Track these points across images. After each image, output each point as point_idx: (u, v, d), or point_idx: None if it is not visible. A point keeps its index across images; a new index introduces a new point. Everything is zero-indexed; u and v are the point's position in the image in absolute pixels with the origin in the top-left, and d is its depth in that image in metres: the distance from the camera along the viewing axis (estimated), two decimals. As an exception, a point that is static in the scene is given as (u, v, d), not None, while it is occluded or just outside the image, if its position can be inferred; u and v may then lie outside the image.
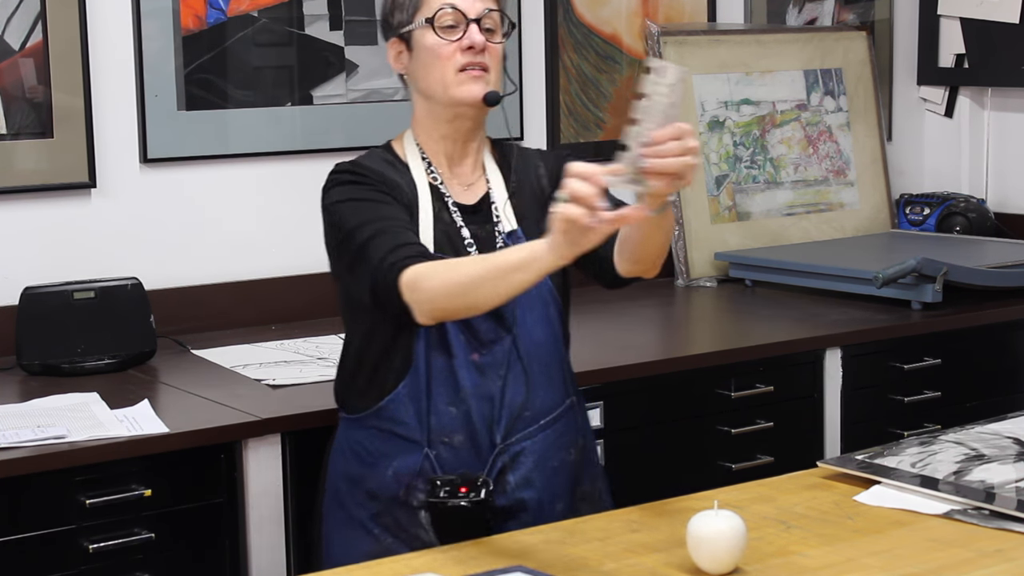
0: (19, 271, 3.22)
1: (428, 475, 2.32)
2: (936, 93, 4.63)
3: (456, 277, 2.14)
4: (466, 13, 2.35)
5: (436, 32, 2.35)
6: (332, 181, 2.37)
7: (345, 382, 2.46)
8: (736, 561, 1.92)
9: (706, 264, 4.08)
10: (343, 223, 2.30)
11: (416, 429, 2.34)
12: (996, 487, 2.20)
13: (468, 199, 2.42)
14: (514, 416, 2.36)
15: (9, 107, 3.21)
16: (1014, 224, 4.40)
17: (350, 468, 2.40)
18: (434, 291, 2.16)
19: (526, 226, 2.42)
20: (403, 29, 2.39)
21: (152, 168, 3.41)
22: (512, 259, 2.08)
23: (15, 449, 2.51)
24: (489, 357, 2.35)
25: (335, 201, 2.33)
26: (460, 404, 2.33)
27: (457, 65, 2.34)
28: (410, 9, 2.38)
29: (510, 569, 1.94)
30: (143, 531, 2.61)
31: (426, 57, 2.36)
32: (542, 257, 2.02)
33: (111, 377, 3.03)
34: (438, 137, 2.41)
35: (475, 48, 2.34)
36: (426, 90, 2.38)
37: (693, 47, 4.14)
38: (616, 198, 2.23)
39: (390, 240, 2.24)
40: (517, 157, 2.50)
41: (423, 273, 2.17)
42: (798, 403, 3.40)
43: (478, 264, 2.13)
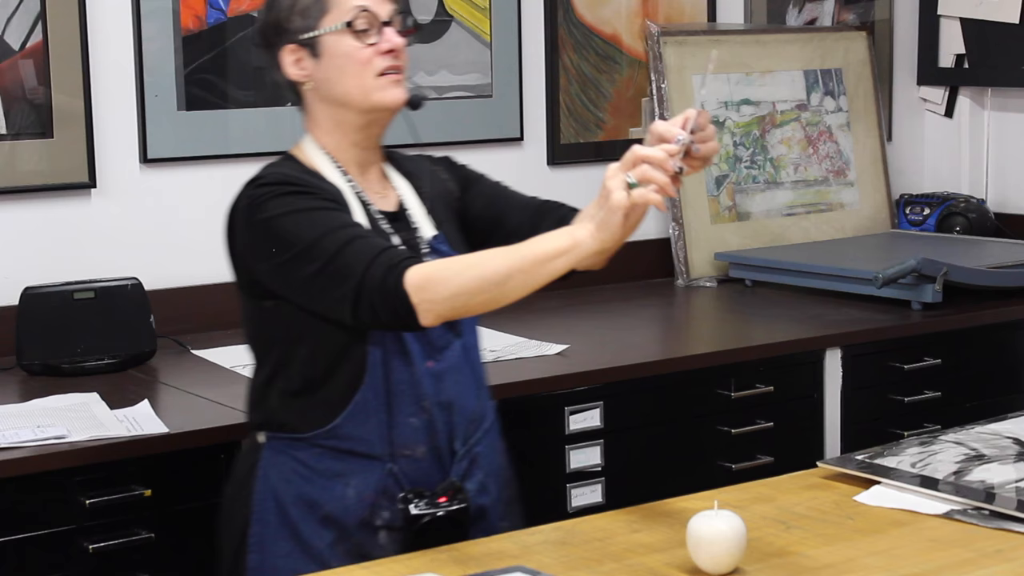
0: (19, 271, 3.22)
1: (392, 491, 2.22)
2: (936, 93, 4.63)
3: (481, 272, 2.06)
4: (379, 15, 2.26)
5: (355, 37, 2.24)
6: (264, 194, 2.19)
7: (277, 405, 2.27)
8: (736, 561, 1.92)
9: (706, 264, 4.08)
10: (297, 237, 2.14)
11: (377, 444, 2.22)
12: (996, 487, 2.20)
13: (387, 206, 2.33)
14: (468, 422, 2.31)
15: (9, 107, 3.21)
16: (1014, 224, 4.40)
17: (301, 491, 2.23)
18: (454, 289, 2.07)
19: (445, 231, 2.35)
20: (306, 34, 2.26)
21: (152, 168, 3.41)
22: (549, 248, 2.04)
23: (15, 449, 2.51)
24: (444, 363, 2.29)
25: (276, 215, 2.16)
26: (422, 414, 2.25)
27: (376, 70, 2.25)
28: (315, 14, 2.25)
29: (510, 569, 1.94)
30: (143, 531, 2.61)
31: (341, 63, 2.25)
32: (585, 242, 2.01)
33: (111, 377, 3.03)
34: (348, 145, 2.31)
35: (395, 51, 2.26)
36: (341, 97, 2.27)
37: (693, 47, 4.14)
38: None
39: (369, 245, 2.13)
40: (408, 164, 2.43)
41: (435, 273, 2.08)
42: (798, 403, 3.41)
43: (507, 256, 2.07)
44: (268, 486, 2.25)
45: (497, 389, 2.96)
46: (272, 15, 2.30)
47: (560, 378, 3.04)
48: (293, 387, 2.25)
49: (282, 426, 2.26)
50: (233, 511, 2.31)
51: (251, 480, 2.27)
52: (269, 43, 2.32)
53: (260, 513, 2.25)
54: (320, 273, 2.13)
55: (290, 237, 2.15)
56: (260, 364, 2.31)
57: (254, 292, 2.25)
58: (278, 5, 2.29)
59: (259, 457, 2.27)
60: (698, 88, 1.82)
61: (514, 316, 3.57)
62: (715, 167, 4.13)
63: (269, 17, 2.31)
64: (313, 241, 2.13)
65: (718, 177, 4.14)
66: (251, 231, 2.20)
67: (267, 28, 2.32)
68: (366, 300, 2.10)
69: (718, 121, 4.15)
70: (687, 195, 4.06)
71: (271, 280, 2.20)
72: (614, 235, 1.99)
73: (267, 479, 2.25)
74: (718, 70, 4.07)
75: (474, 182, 2.48)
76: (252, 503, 2.26)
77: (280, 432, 2.26)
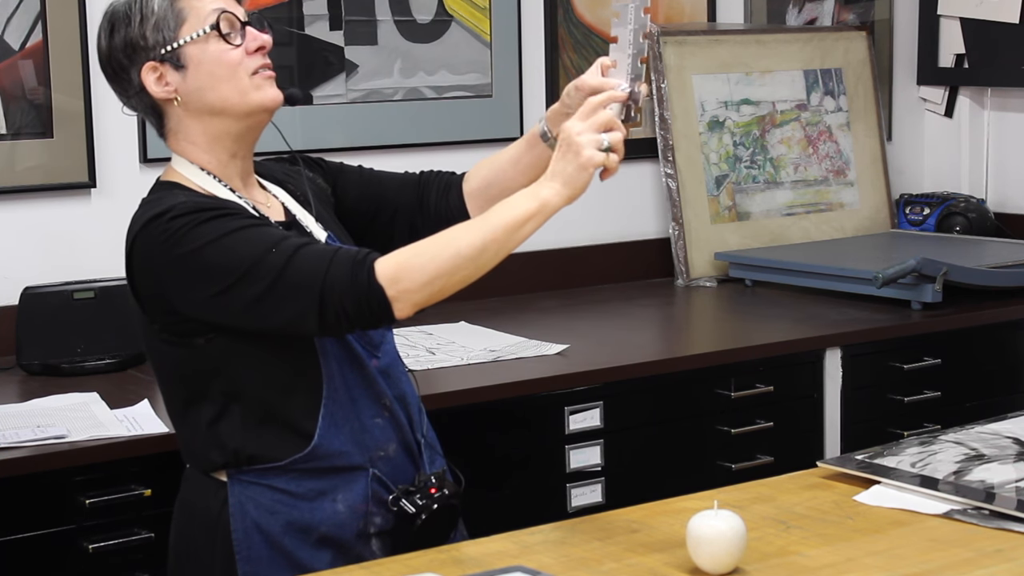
0: (19, 271, 3.22)
1: (381, 496, 2.18)
2: (936, 93, 4.63)
3: (456, 250, 2.03)
4: (239, 15, 2.18)
5: (222, 39, 2.15)
6: (179, 227, 2.06)
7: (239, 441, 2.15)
8: (736, 561, 1.92)
9: (706, 264, 4.08)
10: (234, 261, 2.04)
11: (355, 453, 2.17)
12: (996, 487, 2.20)
13: (276, 216, 2.23)
14: (417, 410, 2.29)
15: (9, 107, 3.21)
16: (1014, 224, 4.40)
17: (290, 518, 2.15)
18: (432, 272, 2.02)
19: (333, 231, 2.29)
20: (166, 47, 2.15)
21: (152, 168, 3.40)
22: (518, 213, 2.04)
23: (15, 449, 2.51)
24: (386, 358, 2.26)
25: (202, 244, 2.05)
26: (384, 412, 2.22)
27: (249, 69, 2.17)
28: (172, 25, 2.15)
29: (510, 569, 1.94)
30: (143, 531, 2.61)
31: (211, 69, 2.15)
32: (551, 201, 2.04)
33: (111, 377, 3.03)
34: (227, 159, 2.21)
35: (264, 48, 2.19)
36: (216, 104, 2.17)
37: (693, 47, 4.14)
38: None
39: (319, 250, 2.05)
40: (275, 170, 2.36)
41: (404, 261, 2.03)
42: (798, 403, 3.41)
43: (477, 229, 2.05)
44: (248, 522, 2.15)
45: (497, 389, 2.98)
46: (120, 37, 2.17)
47: (560, 378, 3.04)
48: (254, 418, 2.15)
49: (251, 459, 2.15)
50: (202, 554, 2.20)
51: (224, 519, 2.16)
52: (120, 67, 2.19)
53: (247, 552, 2.15)
54: (271, 290, 2.04)
55: (226, 263, 2.05)
56: (195, 405, 2.17)
57: (179, 331, 2.13)
58: (126, 24, 2.17)
59: (225, 496, 2.16)
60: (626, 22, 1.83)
61: (514, 316, 3.58)
62: (715, 167, 4.13)
63: (115, 40, 2.18)
64: (255, 261, 2.04)
65: (718, 177, 4.14)
66: (174, 268, 2.08)
67: (116, 52, 2.18)
68: (333, 304, 2.03)
69: (718, 121, 4.16)
70: (687, 195, 4.06)
71: (206, 313, 2.09)
72: (580, 191, 2.03)
73: (244, 516, 2.16)
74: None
75: (339, 174, 2.43)
76: (233, 542, 2.16)
77: (249, 465, 2.16)
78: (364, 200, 2.40)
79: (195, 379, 2.16)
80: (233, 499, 2.16)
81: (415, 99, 3.72)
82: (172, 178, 2.22)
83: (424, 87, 3.75)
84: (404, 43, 3.70)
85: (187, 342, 2.13)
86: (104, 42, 2.20)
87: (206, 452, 2.18)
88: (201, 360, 2.14)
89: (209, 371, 2.14)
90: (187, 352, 2.14)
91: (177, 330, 2.14)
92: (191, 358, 2.15)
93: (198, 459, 2.21)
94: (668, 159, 4.05)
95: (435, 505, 2.20)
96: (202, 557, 2.20)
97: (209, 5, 2.17)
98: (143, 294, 2.15)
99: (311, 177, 2.38)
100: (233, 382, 2.14)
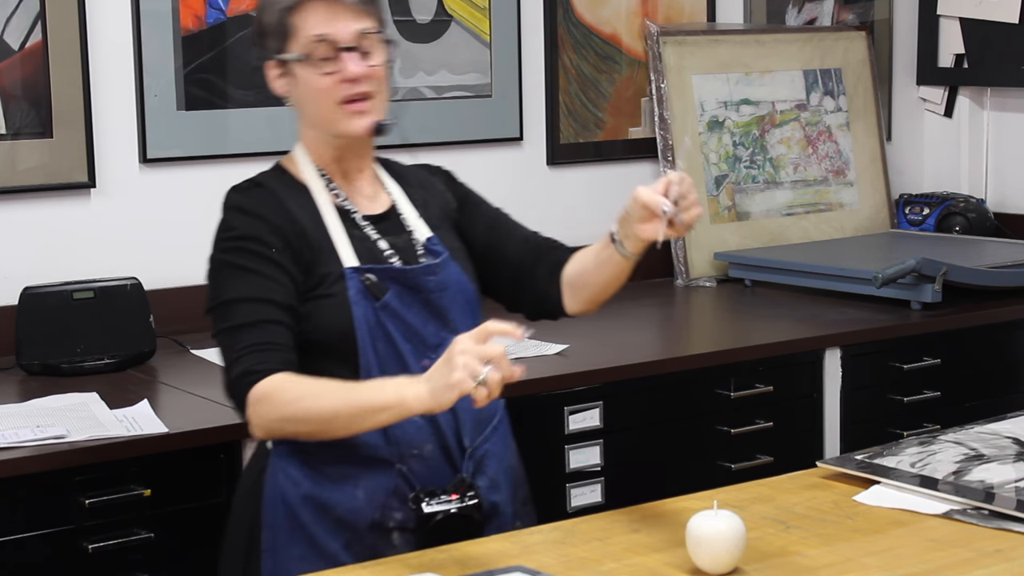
0: (19, 271, 3.22)
1: (403, 492, 2.21)
2: (936, 93, 4.63)
3: (312, 405, 2.09)
4: (338, 42, 2.22)
5: (313, 67, 2.22)
6: (223, 227, 2.25)
7: None
8: (736, 561, 1.92)
9: (705, 264, 4.08)
10: (219, 290, 2.20)
11: (383, 447, 2.21)
12: (995, 487, 2.20)
13: (374, 210, 2.33)
14: (475, 419, 2.29)
15: (9, 107, 3.21)
16: (1014, 224, 4.41)
17: (311, 492, 2.23)
18: (283, 414, 2.10)
19: (440, 235, 2.36)
20: (279, 56, 2.26)
21: (152, 168, 3.41)
22: (378, 399, 2.05)
23: (15, 449, 2.51)
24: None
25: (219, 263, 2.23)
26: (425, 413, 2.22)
27: (336, 99, 2.23)
28: (280, 37, 2.24)
29: (510, 569, 1.94)
30: (143, 531, 2.61)
31: (304, 90, 2.26)
32: (409, 403, 2.02)
33: (111, 377, 3.03)
34: (331, 158, 2.31)
35: (357, 80, 2.23)
36: (310, 119, 2.29)
37: (693, 47, 4.14)
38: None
39: (248, 339, 2.15)
40: (401, 169, 2.44)
41: (269, 393, 2.11)
42: (798, 403, 3.41)
43: (339, 396, 2.08)
44: (277, 491, 2.24)
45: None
46: (255, 26, 2.31)
47: (560, 378, 3.04)
48: None
49: None
50: (242, 516, 2.30)
51: (260, 485, 2.26)
52: (259, 55, 2.33)
53: (271, 518, 2.24)
54: (219, 336, 2.20)
55: (214, 285, 2.22)
56: None
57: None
58: (258, 19, 2.29)
59: (267, 463, 2.26)
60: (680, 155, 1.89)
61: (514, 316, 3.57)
62: (715, 167, 4.14)
63: (254, 27, 2.32)
64: (224, 304, 2.19)
65: (717, 177, 4.14)
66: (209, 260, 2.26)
67: (254, 38, 2.33)
68: (226, 386, 2.18)
69: (718, 121, 4.16)
70: (687, 195, 4.06)
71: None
72: (443, 407, 2.02)
73: (276, 484, 2.24)
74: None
75: (474, 203, 2.49)
76: (262, 508, 2.25)
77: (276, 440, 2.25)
78: (486, 240, 2.45)
79: None
80: (271, 467, 2.25)
81: (415, 99, 3.73)
82: (285, 160, 2.36)
83: (424, 87, 3.75)
84: (404, 43, 3.70)
85: None
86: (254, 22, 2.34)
87: None
88: None
89: None
90: None
91: None
92: None
93: None
94: (668, 159, 4.05)
95: (451, 510, 2.20)
96: (241, 516, 2.31)
97: (312, 29, 2.23)
98: None
99: (440, 190, 2.45)
100: None
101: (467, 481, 2.25)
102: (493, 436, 2.33)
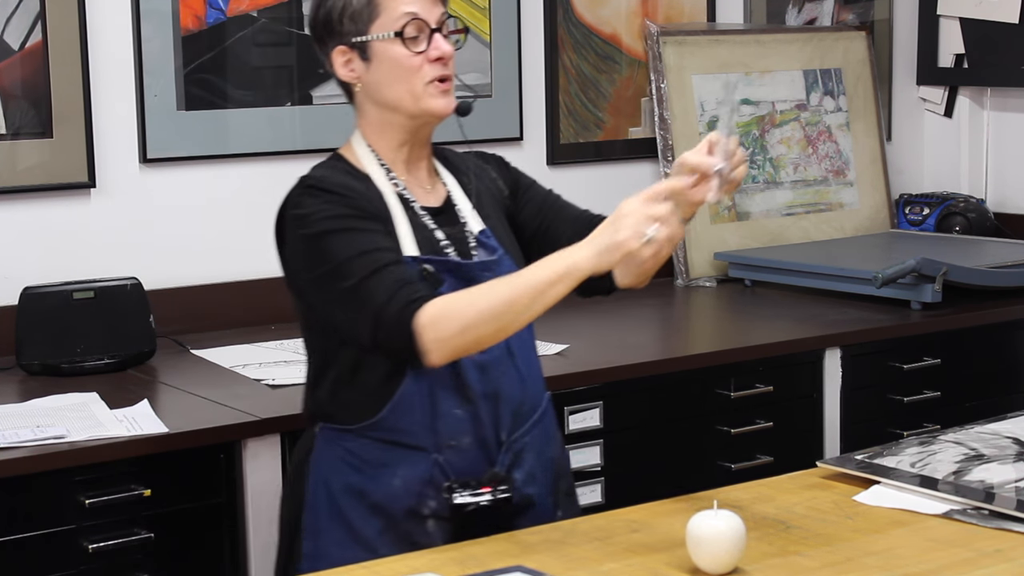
0: (19, 271, 3.22)
1: (439, 481, 2.26)
2: (936, 93, 4.63)
3: (485, 305, 2.11)
4: (428, 22, 2.28)
5: (405, 45, 2.27)
6: (308, 204, 2.25)
7: (326, 396, 2.33)
8: (736, 561, 1.92)
9: (705, 264, 4.08)
10: (330, 255, 2.21)
11: (422, 435, 2.27)
12: (996, 487, 2.20)
13: (432, 201, 2.37)
14: (514, 412, 2.34)
15: (9, 107, 3.21)
16: (1014, 224, 4.41)
17: (349, 480, 2.29)
18: (460, 325, 2.11)
19: (492, 226, 2.40)
20: (357, 38, 2.29)
21: (152, 168, 3.41)
22: (548, 273, 2.10)
23: (15, 449, 2.51)
24: (489, 354, 2.31)
25: (319, 232, 2.22)
26: (467, 405, 2.29)
27: (426, 77, 2.28)
28: (365, 18, 2.28)
29: (510, 569, 1.94)
30: (143, 531, 2.61)
31: (391, 68, 2.28)
32: (580, 266, 2.08)
33: (111, 377, 3.03)
34: (396, 145, 2.35)
35: (444, 59, 2.29)
36: (390, 100, 2.30)
37: (693, 47, 4.14)
38: None
39: (390, 279, 2.17)
40: (456, 160, 2.48)
41: (441, 311, 2.13)
42: (798, 403, 3.41)
43: (507, 287, 2.12)
44: (320, 475, 2.30)
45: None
46: (322, 13, 2.32)
47: (560, 378, 3.04)
48: (340, 380, 2.30)
49: (331, 417, 2.32)
50: (289, 497, 2.38)
51: (305, 468, 2.33)
52: (319, 39, 2.35)
53: (313, 501, 2.31)
54: (349, 293, 2.18)
55: (327, 255, 2.21)
56: (310, 356, 2.37)
57: (304, 294, 2.30)
58: (328, 5, 2.31)
59: (312, 446, 2.33)
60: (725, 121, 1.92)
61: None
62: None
63: (319, 15, 2.33)
64: (341, 264, 2.19)
65: (718, 177, 4.14)
66: (297, 243, 2.26)
67: (318, 25, 2.34)
68: (380, 332, 2.16)
69: (718, 121, 4.16)
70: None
71: (309, 289, 2.27)
72: (609, 267, 2.08)
73: (319, 468, 2.31)
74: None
75: (525, 187, 2.53)
76: (305, 491, 2.32)
77: (330, 423, 2.32)
78: (535, 222, 2.49)
79: (309, 334, 2.36)
80: (316, 452, 2.32)
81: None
82: (344, 150, 2.38)
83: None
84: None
85: (302, 298, 2.31)
86: (312, 12, 2.36)
87: (306, 402, 2.38)
88: (313, 318, 2.32)
89: (318, 329, 2.32)
90: (307, 310, 2.32)
91: (304, 290, 2.30)
92: (309, 315, 2.33)
93: (305, 406, 2.40)
94: (668, 159, 4.05)
95: (481, 503, 2.26)
96: (289, 496, 2.39)
97: (403, 7, 2.28)
98: (280, 252, 2.33)
99: (492, 178, 2.49)
100: (332, 344, 2.29)
101: (500, 475, 2.29)
102: (533, 430, 2.37)
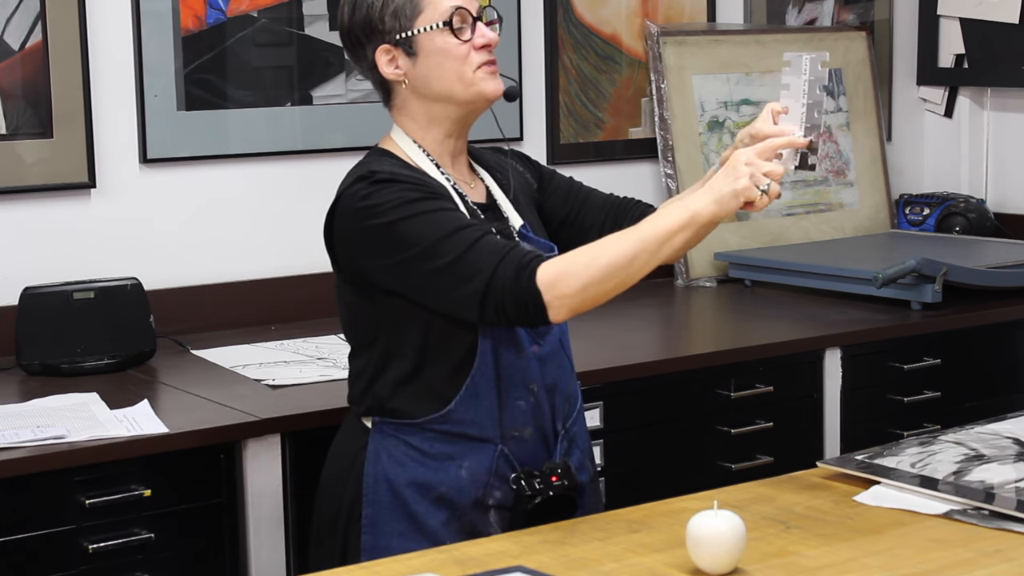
0: (19, 271, 3.22)
1: (504, 472, 2.30)
2: (936, 93, 4.63)
3: (609, 259, 2.15)
4: (472, 12, 2.34)
5: (454, 34, 2.31)
6: (377, 195, 2.24)
7: (387, 392, 2.32)
8: (736, 561, 1.92)
9: (706, 264, 4.08)
10: (416, 237, 2.20)
11: (488, 427, 2.30)
12: (996, 487, 2.20)
13: (478, 197, 2.40)
14: (566, 403, 2.40)
15: (9, 107, 3.21)
16: (1014, 224, 4.41)
17: (414, 473, 2.30)
18: (585, 280, 2.15)
19: (529, 221, 2.44)
20: (401, 34, 2.32)
21: (152, 168, 3.41)
22: (670, 223, 2.16)
23: (15, 449, 2.51)
24: (546, 347, 2.37)
25: (396, 219, 2.21)
26: (529, 397, 2.33)
27: (474, 65, 2.33)
28: (408, 14, 2.31)
29: (510, 569, 1.94)
30: (143, 531, 2.61)
31: (440, 60, 2.32)
32: (701, 213, 2.16)
33: (111, 377, 3.03)
34: (442, 138, 2.38)
35: (490, 46, 2.34)
36: (441, 92, 2.33)
37: (693, 47, 4.14)
38: None
39: (496, 244, 2.19)
40: (487, 156, 2.51)
41: (564, 268, 2.16)
42: (798, 403, 3.41)
43: (629, 239, 2.16)
44: (379, 469, 2.31)
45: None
46: (360, 15, 2.34)
47: (560, 378, 3.04)
48: (403, 374, 2.31)
49: (392, 412, 2.32)
50: (337, 492, 2.38)
51: (359, 463, 2.34)
52: (357, 43, 2.36)
53: (372, 495, 2.32)
54: (445, 271, 2.19)
55: (411, 239, 2.21)
56: (362, 352, 2.36)
57: (362, 284, 2.30)
58: (367, 5, 2.33)
59: (367, 441, 2.34)
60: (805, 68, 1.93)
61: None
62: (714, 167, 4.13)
63: (356, 17, 2.34)
64: (437, 241, 2.19)
65: (718, 177, 4.14)
66: (367, 231, 2.24)
67: (355, 28, 2.35)
68: (494, 299, 2.17)
69: (718, 121, 4.16)
70: (687, 195, 4.06)
71: (386, 278, 2.26)
72: (726, 214, 2.15)
73: (378, 462, 2.32)
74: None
75: (548, 178, 2.57)
76: (363, 485, 2.32)
77: (390, 418, 2.32)
78: (563, 210, 2.53)
79: (367, 329, 2.34)
80: (372, 445, 2.33)
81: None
82: (387, 146, 2.39)
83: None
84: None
85: (367, 295, 2.31)
86: (346, 17, 2.37)
87: (361, 397, 2.37)
88: (375, 314, 2.31)
89: (379, 325, 2.31)
90: (366, 303, 2.32)
91: (361, 282, 2.31)
92: (367, 310, 2.32)
93: (355, 402, 2.39)
94: (668, 159, 4.05)
95: (551, 492, 2.29)
96: (336, 491, 2.38)
97: (447, 1, 2.32)
98: (337, 247, 2.32)
99: (520, 171, 2.52)
100: (396, 340, 2.30)
101: (565, 464, 2.34)
102: (579, 419, 2.44)
